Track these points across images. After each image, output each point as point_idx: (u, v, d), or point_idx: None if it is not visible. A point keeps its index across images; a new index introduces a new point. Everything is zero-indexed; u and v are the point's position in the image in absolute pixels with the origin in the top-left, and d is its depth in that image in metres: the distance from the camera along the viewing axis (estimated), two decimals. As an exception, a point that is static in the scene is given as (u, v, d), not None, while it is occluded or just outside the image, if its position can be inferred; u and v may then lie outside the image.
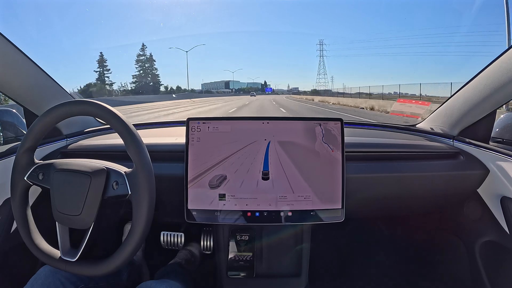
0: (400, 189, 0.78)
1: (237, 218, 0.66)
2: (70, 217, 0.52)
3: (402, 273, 1.06)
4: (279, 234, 0.79)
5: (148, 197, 0.51)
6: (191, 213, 0.65)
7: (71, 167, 0.53)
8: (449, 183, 0.78)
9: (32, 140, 0.56)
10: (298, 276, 0.78)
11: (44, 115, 0.55)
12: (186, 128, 0.66)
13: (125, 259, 0.51)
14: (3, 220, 0.69)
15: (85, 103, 0.54)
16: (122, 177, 0.52)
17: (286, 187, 0.65)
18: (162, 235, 0.99)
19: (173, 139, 0.78)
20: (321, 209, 0.66)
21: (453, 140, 0.87)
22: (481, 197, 0.79)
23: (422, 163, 0.77)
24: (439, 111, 0.93)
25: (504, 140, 0.79)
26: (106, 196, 0.52)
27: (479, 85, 0.75)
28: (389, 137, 0.92)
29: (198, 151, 0.65)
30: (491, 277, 0.78)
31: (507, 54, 0.66)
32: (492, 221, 0.75)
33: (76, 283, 0.58)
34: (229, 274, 0.75)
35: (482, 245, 0.79)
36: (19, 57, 0.71)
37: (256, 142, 0.65)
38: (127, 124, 0.53)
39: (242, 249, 0.77)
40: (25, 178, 0.55)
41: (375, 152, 0.79)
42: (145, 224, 0.51)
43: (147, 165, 0.52)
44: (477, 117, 0.81)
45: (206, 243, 0.94)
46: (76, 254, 0.52)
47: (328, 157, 0.66)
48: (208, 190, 0.65)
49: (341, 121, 0.67)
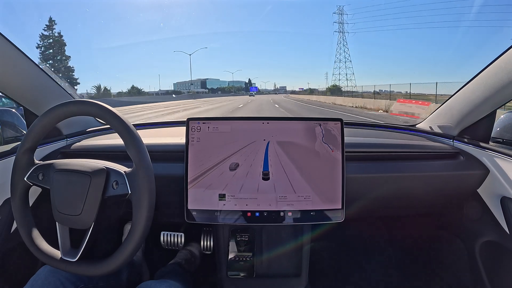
0: (400, 189, 0.78)
1: (237, 218, 0.66)
2: (70, 217, 0.52)
3: (402, 273, 1.06)
4: (279, 234, 0.80)
5: (148, 196, 0.51)
6: (191, 213, 0.65)
7: (71, 167, 0.53)
8: (449, 183, 0.78)
9: (32, 141, 0.56)
10: (298, 276, 0.78)
11: (44, 115, 0.55)
12: (186, 128, 0.66)
13: (125, 259, 0.51)
14: (3, 220, 0.69)
15: (85, 103, 0.54)
16: (122, 176, 0.52)
17: (286, 187, 0.65)
18: (162, 235, 0.99)
19: (173, 139, 0.78)
20: (321, 209, 0.66)
21: (453, 140, 0.87)
22: (481, 197, 0.79)
23: (422, 163, 0.77)
24: (439, 111, 0.93)
25: (504, 140, 0.79)
26: (106, 195, 0.52)
27: (479, 85, 0.75)
28: (389, 137, 0.92)
29: (198, 151, 0.65)
30: (491, 277, 0.78)
31: (507, 54, 0.66)
32: (492, 221, 0.75)
33: (76, 283, 0.58)
34: (229, 274, 0.75)
35: (482, 245, 0.79)
36: (19, 57, 0.71)
37: (256, 142, 0.65)
38: (127, 124, 0.53)
39: (242, 249, 0.77)
40: (25, 179, 0.55)
41: (375, 152, 0.79)
42: (145, 224, 0.51)
43: (147, 165, 0.52)
44: (477, 117, 0.81)
45: (206, 243, 0.94)
46: (77, 254, 0.52)
47: (328, 157, 0.66)
48: (208, 190, 0.65)
49: (341, 121, 0.67)
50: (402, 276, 1.06)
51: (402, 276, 1.06)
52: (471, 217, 0.83)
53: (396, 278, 1.05)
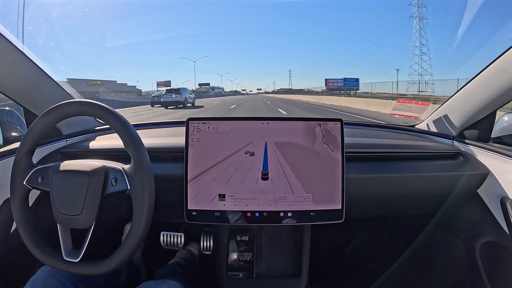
0: (400, 189, 0.77)
1: (237, 218, 0.65)
2: (70, 217, 0.52)
3: (402, 273, 1.06)
4: (279, 234, 0.79)
5: (147, 191, 0.51)
6: (191, 213, 0.65)
7: (69, 168, 0.53)
8: (449, 184, 0.78)
9: (30, 143, 0.56)
10: (298, 277, 0.78)
11: (43, 115, 0.55)
12: (186, 128, 0.66)
13: (125, 257, 0.51)
14: (3, 220, 0.69)
15: (85, 104, 0.55)
16: (121, 173, 0.53)
17: (286, 187, 0.65)
18: (162, 235, 0.99)
19: (173, 139, 0.78)
20: (321, 209, 0.66)
21: (453, 141, 0.87)
22: (481, 198, 0.79)
23: (422, 164, 0.77)
24: (439, 112, 0.93)
25: (504, 141, 0.79)
26: (105, 193, 0.52)
27: (479, 85, 0.75)
28: (389, 138, 0.92)
29: (197, 151, 0.65)
30: (491, 277, 0.77)
31: (507, 54, 0.66)
32: (492, 222, 0.75)
33: (76, 283, 0.58)
34: (229, 274, 0.75)
35: (482, 245, 0.79)
36: (19, 57, 0.71)
37: (255, 142, 0.65)
38: (125, 122, 0.54)
39: (242, 249, 0.77)
40: (24, 183, 0.55)
41: (375, 153, 0.79)
42: (145, 220, 0.51)
43: (146, 161, 0.53)
44: (477, 118, 0.80)
45: (206, 243, 0.94)
46: (79, 255, 0.52)
47: (328, 157, 0.66)
48: (208, 190, 0.65)
49: (341, 122, 0.67)
50: (402, 276, 1.05)
51: (402, 276, 1.05)
52: (471, 217, 0.83)
53: (396, 278, 1.05)
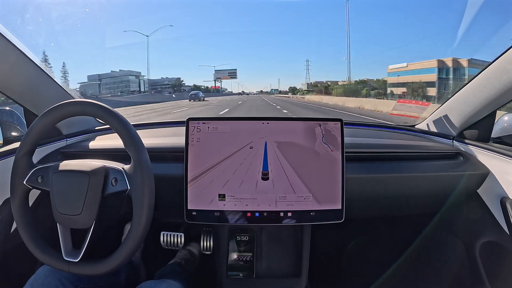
0: (400, 189, 0.77)
1: (237, 218, 0.65)
2: (71, 217, 0.52)
3: (402, 273, 1.06)
4: (279, 234, 0.79)
5: (147, 191, 0.51)
6: (191, 213, 0.65)
7: (69, 168, 0.53)
8: (449, 184, 0.78)
9: (30, 143, 0.56)
10: (298, 276, 0.78)
11: (43, 115, 0.55)
12: (186, 128, 0.66)
13: (125, 257, 0.51)
14: (3, 220, 0.69)
15: (85, 103, 0.55)
16: (121, 173, 0.53)
17: (286, 188, 0.65)
18: (162, 235, 0.99)
19: (173, 139, 0.78)
20: (321, 209, 0.66)
21: (453, 141, 0.87)
22: (481, 198, 0.79)
23: (422, 164, 0.77)
24: (439, 112, 0.93)
25: (504, 141, 0.79)
26: (105, 193, 0.52)
27: (479, 85, 0.75)
28: (389, 138, 0.92)
29: (197, 151, 0.65)
30: (491, 277, 0.77)
31: (507, 54, 0.66)
32: (492, 222, 0.75)
33: (75, 283, 0.58)
34: (229, 274, 0.75)
35: (482, 245, 0.79)
36: (19, 57, 0.71)
37: (255, 142, 0.65)
38: (125, 122, 0.54)
39: (242, 249, 0.77)
40: (24, 182, 0.55)
41: (375, 153, 0.79)
42: (145, 219, 0.51)
43: (146, 161, 0.53)
44: (477, 118, 0.80)
45: (206, 243, 0.94)
46: (78, 255, 0.52)
47: (328, 157, 0.66)
48: (208, 190, 0.65)
49: (341, 122, 0.67)
50: (402, 276, 1.05)
51: (402, 276, 1.05)
52: (471, 217, 0.83)
53: (396, 278, 1.05)
